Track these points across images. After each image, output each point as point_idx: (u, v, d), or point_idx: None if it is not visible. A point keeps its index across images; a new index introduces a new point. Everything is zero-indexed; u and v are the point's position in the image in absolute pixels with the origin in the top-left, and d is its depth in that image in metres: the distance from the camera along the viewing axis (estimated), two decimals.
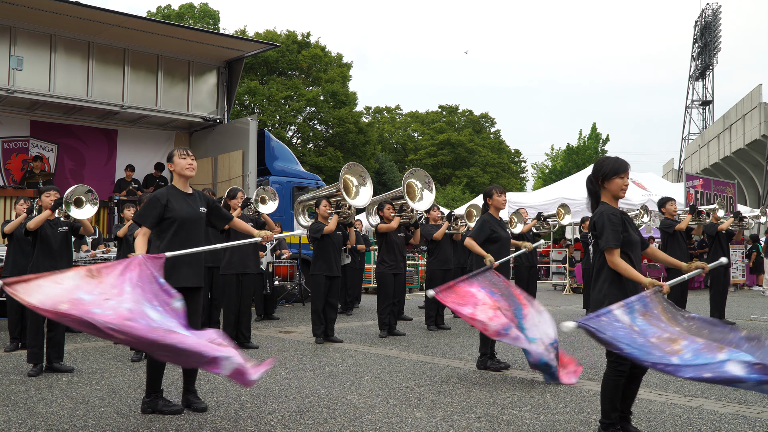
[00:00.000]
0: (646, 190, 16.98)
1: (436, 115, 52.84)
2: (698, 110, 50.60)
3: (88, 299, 3.56)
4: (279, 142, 13.62)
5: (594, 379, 5.58)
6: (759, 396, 4.98)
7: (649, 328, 3.27)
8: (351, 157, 31.42)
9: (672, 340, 3.20)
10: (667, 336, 3.23)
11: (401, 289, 9.17)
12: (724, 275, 9.59)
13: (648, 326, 3.28)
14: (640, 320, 3.31)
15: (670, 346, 3.17)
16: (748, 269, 18.73)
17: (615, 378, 3.65)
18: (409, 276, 14.77)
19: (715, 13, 45.79)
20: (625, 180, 3.77)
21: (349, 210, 8.27)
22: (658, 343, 3.19)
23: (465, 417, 4.31)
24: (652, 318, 3.33)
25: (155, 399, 4.35)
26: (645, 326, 3.28)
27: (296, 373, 5.75)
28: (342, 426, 4.08)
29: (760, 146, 32.34)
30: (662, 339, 3.21)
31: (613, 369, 3.66)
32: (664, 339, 3.21)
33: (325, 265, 7.58)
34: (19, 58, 10.61)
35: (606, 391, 3.69)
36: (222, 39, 13.23)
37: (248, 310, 7.25)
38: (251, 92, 30.75)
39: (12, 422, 4.12)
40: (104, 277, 3.75)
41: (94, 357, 6.50)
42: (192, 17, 33.70)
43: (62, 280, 3.68)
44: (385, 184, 36.74)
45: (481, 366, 6.01)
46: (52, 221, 5.87)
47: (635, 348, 3.17)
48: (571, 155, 43.55)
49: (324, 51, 34.03)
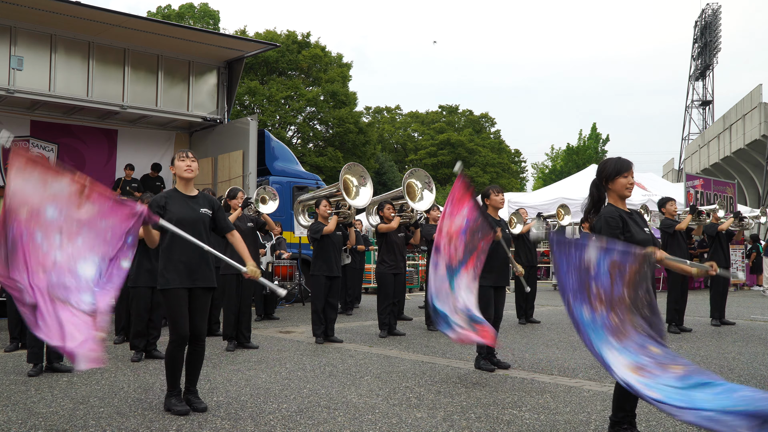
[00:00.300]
0: (646, 190, 16.98)
1: (436, 115, 52.85)
2: (698, 110, 50.62)
3: (48, 220, 3.59)
4: (279, 142, 13.62)
5: (594, 379, 5.59)
6: None
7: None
8: (351, 157, 31.43)
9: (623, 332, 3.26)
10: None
11: (401, 289, 9.16)
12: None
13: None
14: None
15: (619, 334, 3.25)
16: (748, 269, 18.74)
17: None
18: (409, 276, 14.78)
19: (715, 13, 45.79)
20: (629, 179, 3.76)
21: (349, 210, 8.27)
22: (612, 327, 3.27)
23: (465, 417, 4.31)
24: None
25: (169, 396, 4.40)
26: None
27: (296, 373, 5.75)
28: (342, 426, 4.08)
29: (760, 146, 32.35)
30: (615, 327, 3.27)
31: None
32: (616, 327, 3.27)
33: (325, 265, 7.58)
34: (19, 58, 10.62)
35: (616, 390, 3.70)
36: (222, 39, 13.23)
37: (248, 310, 7.25)
38: (251, 92, 30.77)
39: (12, 422, 4.12)
40: (85, 205, 3.72)
41: None
42: (192, 17, 33.71)
43: (53, 181, 3.64)
44: (385, 184, 36.74)
45: (477, 365, 6.02)
46: None
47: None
48: (571, 155, 43.59)
49: (324, 51, 34.04)
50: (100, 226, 3.77)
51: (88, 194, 3.74)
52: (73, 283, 3.62)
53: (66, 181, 3.70)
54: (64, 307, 3.51)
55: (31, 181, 3.60)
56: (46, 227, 3.61)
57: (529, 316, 9.87)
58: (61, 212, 3.66)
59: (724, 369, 6.08)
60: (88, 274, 3.68)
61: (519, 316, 9.82)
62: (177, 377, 4.42)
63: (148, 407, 4.50)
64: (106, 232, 3.78)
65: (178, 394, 4.42)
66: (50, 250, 3.61)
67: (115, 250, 3.79)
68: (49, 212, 3.63)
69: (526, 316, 9.81)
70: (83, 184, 3.74)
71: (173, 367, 4.40)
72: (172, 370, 4.40)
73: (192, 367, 4.49)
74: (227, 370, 5.85)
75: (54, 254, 3.62)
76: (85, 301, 3.60)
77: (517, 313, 9.89)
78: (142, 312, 6.50)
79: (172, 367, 4.40)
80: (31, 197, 3.59)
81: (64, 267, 3.62)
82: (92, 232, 3.75)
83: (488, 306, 6.01)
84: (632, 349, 3.18)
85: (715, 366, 6.22)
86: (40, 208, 3.61)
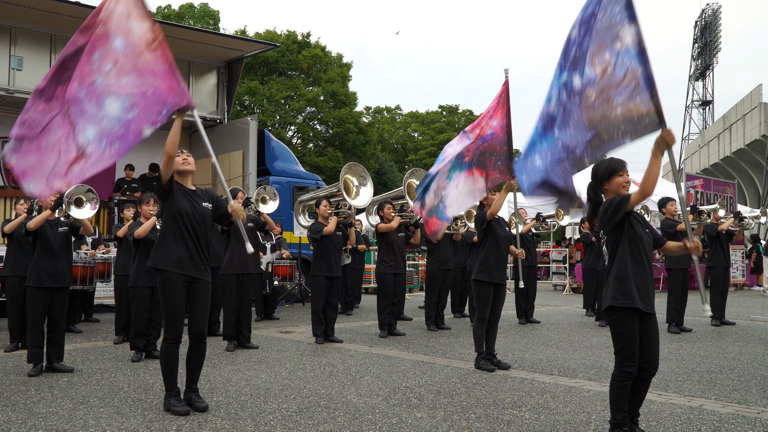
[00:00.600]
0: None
1: (436, 115, 52.84)
2: (698, 110, 50.62)
3: (111, 46, 3.75)
4: (279, 142, 13.62)
5: (594, 379, 5.58)
6: (759, 396, 4.98)
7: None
8: (351, 157, 31.42)
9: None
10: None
11: (401, 289, 9.16)
12: (724, 275, 9.59)
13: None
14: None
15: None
16: (748, 269, 18.73)
17: (619, 379, 3.62)
18: (409, 276, 14.78)
19: (715, 13, 45.80)
20: (624, 177, 3.74)
21: (349, 210, 8.27)
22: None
23: (465, 417, 4.31)
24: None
25: (168, 397, 4.39)
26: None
27: (296, 373, 5.75)
28: (342, 426, 4.08)
29: (760, 146, 32.35)
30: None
31: (618, 370, 3.64)
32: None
33: (326, 265, 7.57)
34: (19, 58, 10.62)
35: (611, 391, 3.67)
36: (222, 39, 13.24)
37: (248, 310, 7.25)
38: (251, 92, 30.76)
39: (12, 422, 4.12)
40: (147, 54, 3.81)
41: (94, 357, 6.50)
42: (192, 17, 33.69)
43: (135, 18, 3.81)
44: (385, 184, 36.74)
45: (477, 365, 6.02)
46: (52, 221, 5.87)
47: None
48: None
49: (324, 51, 34.03)
50: (147, 80, 3.84)
51: (155, 48, 3.83)
52: (92, 111, 3.74)
53: (146, 26, 3.83)
54: (63, 135, 3.65)
55: (120, 5, 3.77)
56: (106, 51, 3.77)
57: (529, 316, 9.86)
58: (125, 47, 3.80)
59: (724, 369, 6.08)
60: (110, 111, 3.77)
61: (519, 316, 9.82)
62: (174, 377, 4.41)
63: (148, 407, 4.50)
64: (149, 88, 3.83)
65: (176, 394, 4.41)
66: (97, 71, 3.76)
67: (145, 109, 3.81)
68: (117, 42, 3.79)
69: (526, 316, 9.81)
70: (156, 38, 3.84)
71: (169, 366, 4.39)
72: (168, 370, 4.39)
73: (193, 365, 4.48)
74: (227, 370, 5.85)
75: (96, 77, 3.76)
76: (85, 134, 3.71)
77: (517, 313, 9.89)
78: (141, 312, 6.50)
79: (168, 365, 4.39)
80: (111, 21, 3.77)
81: (96, 91, 3.74)
82: (138, 80, 3.82)
83: (485, 305, 6.01)
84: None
85: (715, 366, 6.22)
86: (111, 33, 3.77)
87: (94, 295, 9.54)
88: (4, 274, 6.88)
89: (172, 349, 4.39)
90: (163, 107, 3.84)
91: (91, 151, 3.70)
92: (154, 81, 3.82)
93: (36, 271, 5.69)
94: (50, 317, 5.76)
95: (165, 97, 3.85)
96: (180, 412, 4.26)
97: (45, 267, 5.70)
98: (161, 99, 3.84)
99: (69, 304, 6.67)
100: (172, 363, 4.40)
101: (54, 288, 5.74)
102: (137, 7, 3.83)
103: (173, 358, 4.40)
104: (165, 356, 4.39)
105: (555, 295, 15.99)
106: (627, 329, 3.62)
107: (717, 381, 5.53)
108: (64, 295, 5.83)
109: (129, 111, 3.77)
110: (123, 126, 3.76)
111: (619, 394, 3.62)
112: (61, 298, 5.80)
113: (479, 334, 6.01)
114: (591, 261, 10.30)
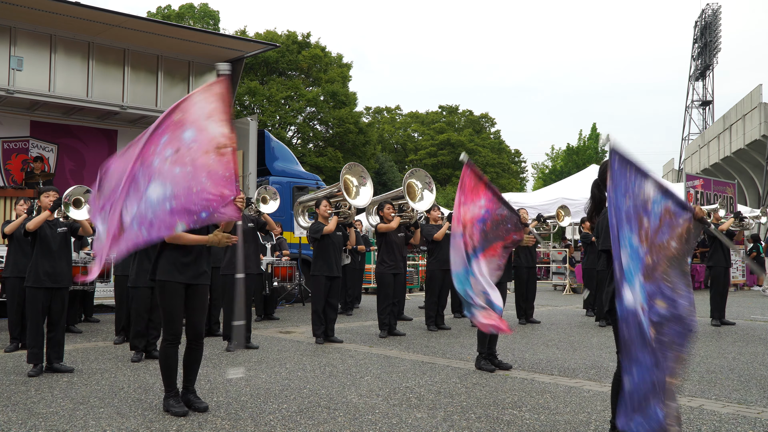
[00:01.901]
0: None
1: (436, 116, 52.87)
2: (698, 110, 50.59)
3: (180, 134, 3.79)
4: (279, 143, 13.62)
5: (594, 379, 5.59)
6: (759, 396, 4.98)
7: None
8: (351, 157, 31.42)
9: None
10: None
11: (401, 290, 9.16)
12: (724, 275, 9.60)
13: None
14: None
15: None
16: (748, 269, 18.73)
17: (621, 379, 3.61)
18: (409, 276, 14.77)
19: (715, 13, 45.77)
20: None
21: (349, 210, 8.27)
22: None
23: (465, 417, 4.31)
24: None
25: (167, 398, 4.39)
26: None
27: (296, 373, 5.75)
28: (342, 426, 4.08)
29: (760, 146, 32.33)
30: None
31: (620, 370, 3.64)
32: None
33: (326, 265, 7.57)
34: (19, 58, 10.62)
35: (613, 392, 3.66)
36: (222, 39, 13.23)
37: (249, 310, 7.25)
38: (251, 92, 30.77)
39: (12, 422, 4.12)
40: (210, 156, 3.80)
41: (94, 357, 6.50)
42: (192, 17, 33.70)
43: (215, 117, 3.84)
44: (385, 184, 36.74)
45: (477, 365, 6.02)
46: (52, 222, 5.87)
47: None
48: (571, 155, 43.58)
49: (324, 51, 34.04)
50: (199, 178, 3.78)
51: (220, 154, 3.80)
52: (141, 188, 3.75)
53: (223, 131, 3.81)
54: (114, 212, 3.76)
55: (206, 101, 3.79)
56: (174, 138, 3.78)
57: (529, 316, 9.86)
58: (193, 141, 3.78)
59: (724, 369, 6.08)
60: (151, 194, 3.76)
61: (519, 316, 9.82)
62: (173, 377, 4.41)
63: (148, 407, 4.50)
64: (197, 186, 3.77)
65: (175, 395, 4.41)
66: (158, 153, 3.77)
67: (186, 205, 3.75)
68: (188, 133, 3.79)
69: (526, 316, 9.81)
70: (227, 145, 3.80)
71: (168, 367, 4.39)
72: (167, 370, 4.40)
73: (190, 366, 4.49)
74: (227, 370, 5.85)
75: (155, 159, 3.78)
76: (129, 211, 3.75)
77: (517, 313, 9.89)
78: (141, 312, 6.50)
79: (167, 366, 4.39)
80: (191, 112, 3.80)
81: (149, 171, 3.76)
82: (189, 176, 3.78)
83: None
84: (648, 292, 3.18)
85: (715, 366, 6.22)
86: (186, 123, 3.79)
87: (94, 296, 9.55)
88: (5, 275, 6.88)
89: (170, 350, 4.40)
90: (204, 211, 3.77)
91: (125, 230, 3.74)
92: (205, 182, 3.75)
93: (35, 272, 5.69)
94: (50, 317, 5.76)
95: (210, 200, 3.77)
96: (178, 413, 4.26)
97: (44, 267, 5.70)
98: (204, 201, 3.76)
99: (69, 304, 6.68)
100: (170, 364, 4.41)
101: (53, 288, 5.74)
102: (221, 111, 3.81)
103: (172, 358, 4.41)
104: (164, 357, 4.40)
105: (555, 295, 15.99)
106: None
107: (717, 381, 5.53)
108: (63, 296, 5.83)
109: (168, 201, 3.72)
110: (155, 214, 3.72)
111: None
112: (61, 298, 5.80)
113: (483, 333, 6.00)
114: (591, 261, 10.30)
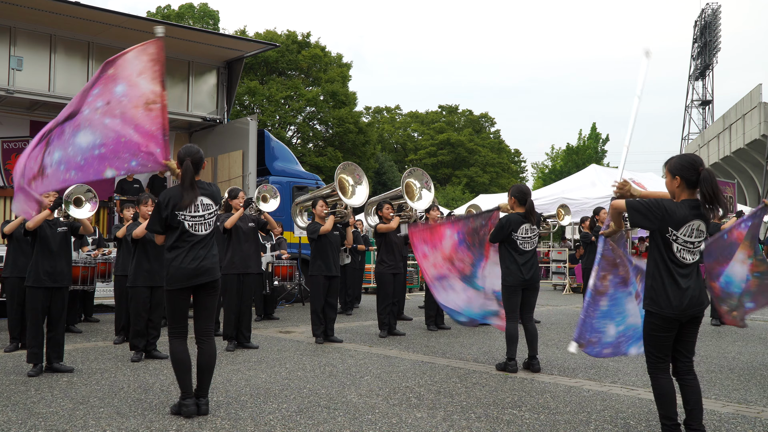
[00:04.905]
0: (646, 191, 16.94)
1: (436, 115, 52.85)
2: (698, 110, 50.61)
3: (111, 88, 4.00)
4: (279, 142, 13.62)
5: (594, 379, 5.59)
6: (759, 395, 4.99)
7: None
8: (351, 157, 31.43)
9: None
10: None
11: (401, 289, 9.16)
12: None
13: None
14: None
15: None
16: None
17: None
18: (409, 276, 14.77)
19: (714, 13, 45.78)
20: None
21: (346, 210, 8.26)
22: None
23: (465, 417, 4.31)
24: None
25: (181, 401, 4.28)
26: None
27: (296, 373, 5.75)
28: (342, 426, 4.08)
29: (760, 146, 32.34)
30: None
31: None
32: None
33: (324, 265, 7.58)
34: (19, 58, 10.61)
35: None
36: (222, 39, 13.22)
37: (249, 310, 7.25)
38: (251, 92, 30.76)
39: (12, 422, 4.12)
40: (141, 111, 3.98)
41: (94, 357, 6.50)
42: (192, 17, 33.70)
43: (146, 74, 4.02)
44: (385, 184, 36.74)
45: (500, 367, 5.96)
46: (51, 221, 5.86)
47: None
48: (571, 155, 43.59)
49: (324, 51, 34.04)
50: (128, 130, 3.99)
51: (149, 109, 4.00)
52: (66, 137, 3.95)
53: (154, 88, 4.00)
54: (39, 152, 3.95)
55: (138, 60, 3.95)
56: (105, 91, 3.98)
57: None
58: (123, 95, 3.98)
59: (724, 369, 6.08)
60: (79, 141, 3.97)
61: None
62: (185, 378, 4.26)
63: (148, 407, 4.50)
64: (126, 136, 3.98)
65: (190, 398, 4.26)
66: (89, 104, 3.96)
67: (114, 153, 3.97)
68: (119, 88, 3.98)
69: None
70: (156, 101, 3.99)
71: (178, 363, 4.27)
72: (178, 368, 4.28)
73: (203, 369, 4.33)
74: (227, 370, 5.85)
75: (85, 108, 3.97)
76: (51, 156, 3.94)
77: None
78: (141, 312, 6.49)
79: (177, 362, 4.27)
80: (124, 68, 3.97)
81: (77, 121, 3.94)
82: (119, 126, 3.99)
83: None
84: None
85: (715, 365, 6.22)
86: (118, 78, 3.97)
87: (94, 295, 9.54)
88: (4, 274, 6.88)
89: (178, 344, 4.29)
90: (133, 159, 4.00)
91: (49, 172, 3.91)
92: (133, 134, 3.98)
93: (35, 271, 5.69)
94: (49, 317, 5.75)
95: (138, 152, 3.99)
96: (187, 413, 4.19)
97: (44, 267, 5.70)
98: (133, 151, 3.99)
99: (69, 304, 6.67)
100: (181, 359, 4.26)
101: (53, 288, 5.73)
102: (153, 70, 4.00)
103: (182, 353, 4.27)
104: (173, 352, 4.30)
105: (555, 295, 15.99)
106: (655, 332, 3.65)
107: (717, 381, 5.54)
108: (63, 295, 5.82)
109: (96, 148, 3.96)
110: (85, 158, 3.96)
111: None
112: (61, 298, 5.79)
113: (513, 337, 5.94)
114: (591, 261, 10.28)
